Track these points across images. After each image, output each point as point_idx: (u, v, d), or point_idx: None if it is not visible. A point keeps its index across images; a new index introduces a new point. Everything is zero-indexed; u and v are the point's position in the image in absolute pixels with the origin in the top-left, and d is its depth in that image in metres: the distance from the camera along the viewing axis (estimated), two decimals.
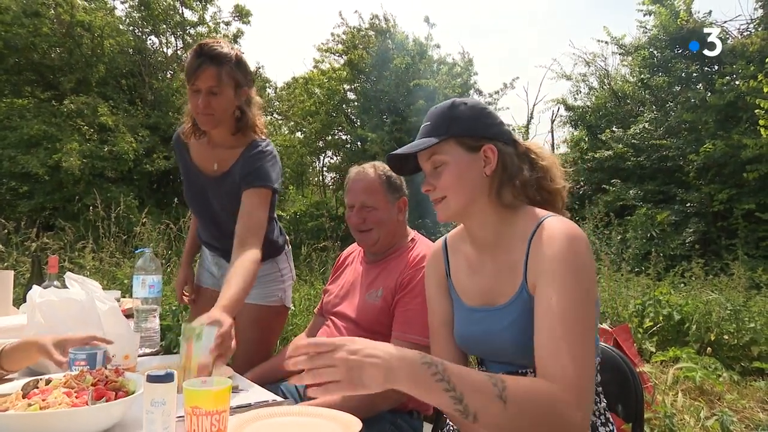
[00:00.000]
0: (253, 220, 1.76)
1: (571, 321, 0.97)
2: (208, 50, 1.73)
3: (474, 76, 13.23)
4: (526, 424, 0.89)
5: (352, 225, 1.83)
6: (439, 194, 1.14)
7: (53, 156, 7.90)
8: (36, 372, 1.59)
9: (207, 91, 1.73)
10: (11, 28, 8.94)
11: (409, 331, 1.63)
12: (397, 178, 1.84)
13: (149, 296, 2.00)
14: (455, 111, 1.14)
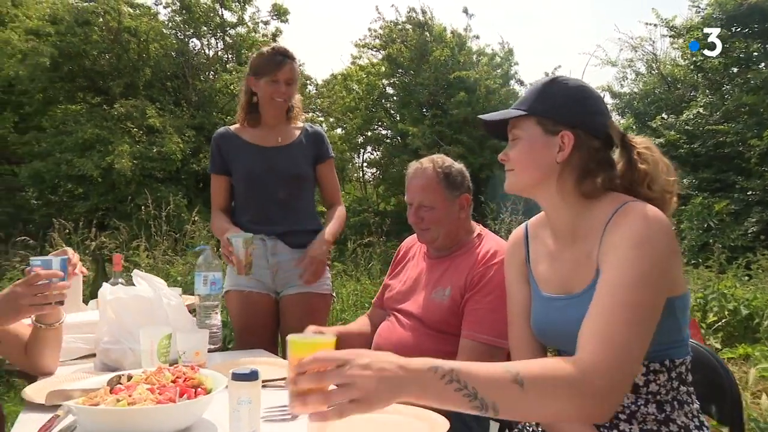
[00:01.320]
0: (333, 184, 2.37)
1: (620, 303, 0.91)
2: (284, 50, 2.19)
3: (514, 66, 12.98)
4: (549, 406, 0.86)
5: (411, 223, 1.79)
6: (510, 165, 1.15)
7: (106, 158, 8.19)
8: (110, 367, 1.62)
9: (285, 82, 2.16)
10: (65, 37, 9.32)
11: (480, 331, 1.57)
12: (459, 174, 1.75)
13: (211, 293, 2.00)
14: (548, 89, 1.12)
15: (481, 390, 0.84)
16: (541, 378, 0.87)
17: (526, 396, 0.85)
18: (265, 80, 2.16)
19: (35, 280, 1.31)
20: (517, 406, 0.86)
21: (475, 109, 11.04)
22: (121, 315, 1.63)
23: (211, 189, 2.28)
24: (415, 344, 1.69)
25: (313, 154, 2.32)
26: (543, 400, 0.86)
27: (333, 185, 2.36)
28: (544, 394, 0.86)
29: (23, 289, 1.28)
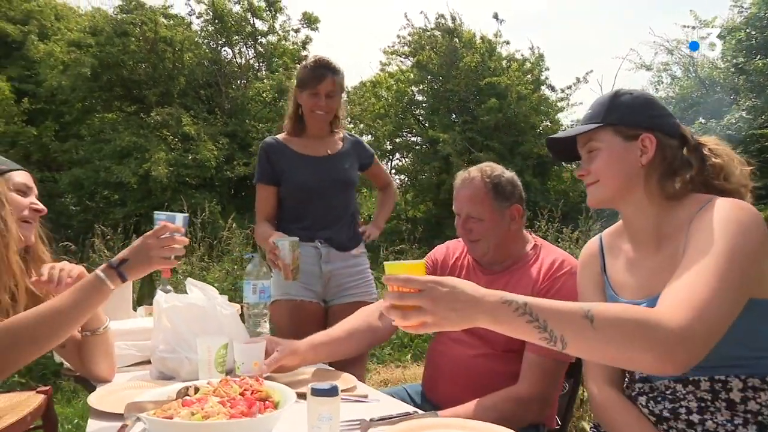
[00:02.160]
0: (382, 175, 2.58)
1: (704, 267, 0.90)
2: (326, 63, 2.20)
3: (545, 71, 12.81)
4: (618, 346, 0.86)
5: (459, 234, 1.74)
6: (592, 178, 1.16)
7: (143, 165, 8.36)
8: (166, 376, 1.61)
9: (326, 95, 2.18)
10: (105, 47, 9.59)
11: None
12: (508, 184, 1.69)
13: (260, 301, 1.99)
14: (616, 100, 1.15)
15: (551, 322, 0.87)
16: (614, 317, 0.87)
17: (595, 333, 0.86)
18: (307, 93, 2.19)
19: (162, 232, 1.34)
20: (585, 342, 0.87)
21: (506, 115, 10.93)
22: (176, 323, 1.63)
23: (258, 198, 2.28)
24: (477, 365, 1.64)
25: (358, 161, 2.39)
26: (612, 338, 0.86)
27: (383, 175, 2.59)
28: (615, 333, 0.86)
29: (153, 241, 1.32)
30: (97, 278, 1.27)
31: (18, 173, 1.42)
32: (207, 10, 11.34)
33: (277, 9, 12.00)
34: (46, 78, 10.10)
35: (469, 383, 1.61)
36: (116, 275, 1.29)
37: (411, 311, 0.93)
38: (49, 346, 1.23)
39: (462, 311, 0.91)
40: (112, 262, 1.29)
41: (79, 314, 1.25)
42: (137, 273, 1.34)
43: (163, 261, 1.35)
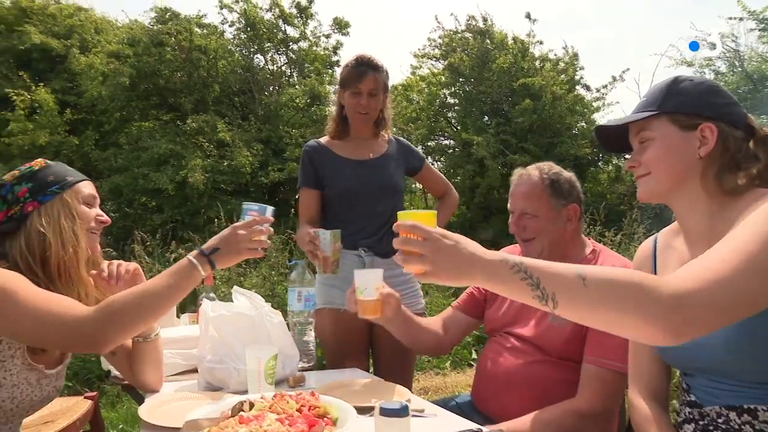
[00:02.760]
0: (437, 180, 2.41)
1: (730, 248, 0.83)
2: (368, 60, 2.12)
3: (580, 70, 12.52)
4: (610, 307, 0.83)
5: (513, 233, 1.68)
6: (643, 170, 1.09)
7: (180, 172, 8.50)
8: (214, 387, 1.58)
9: (368, 94, 2.11)
10: (142, 57, 9.82)
11: (606, 356, 1.44)
12: (567, 182, 1.65)
13: (305, 309, 1.96)
14: (675, 87, 1.08)
15: (544, 280, 0.86)
16: (607, 277, 0.84)
17: (587, 292, 0.83)
18: (349, 92, 2.13)
19: (253, 224, 1.38)
20: (576, 301, 0.85)
21: (541, 117, 10.72)
22: (223, 333, 1.60)
23: (301, 202, 2.23)
24: (533, 372, 1.57)
25: (404, 166, 2.30)
26: (603, 298, 0.83)
27: (438, 181, 2.41)
28: (606, 292, 0.83)
29: (244, 232, 1.36)
30: (190, 263, 1.30)
31: (84, 184, 1.42)
32: (239, 19, 11.50)
33: (308, 15, 12.08)
34: (87, 89, 10.40)
35: (523, 393, 1.55)
36: (207, 262, 1.32)
37: (412, 257, 0.96)
38: (144, 325, 1.27)
39: (461, 266, 0.92)
40: (203, 250, 1.33)
41: (172, 296, 1.29)
42: (226, 262, 1.36)
43: (251, 251, 1.38)
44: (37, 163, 1.39)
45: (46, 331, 1.16)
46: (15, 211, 1.30)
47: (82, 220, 1.36)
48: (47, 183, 1.34)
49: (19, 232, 1.29)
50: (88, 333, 1.17)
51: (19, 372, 1.24)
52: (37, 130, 9.96)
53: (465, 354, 4.93)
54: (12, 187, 1.33)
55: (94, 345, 1.20)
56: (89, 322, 1.17)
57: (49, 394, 1.34)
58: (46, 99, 10.27)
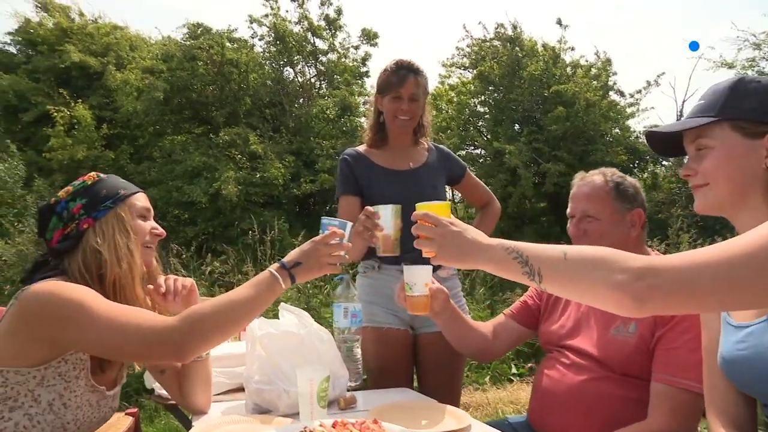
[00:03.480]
0: (479, 189, 2.32)
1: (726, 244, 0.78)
2: (408, 64, 2.06)
3: (613, 76, 12.27)
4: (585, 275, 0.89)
5: (572, 237, 1.61)
6: (700, 180, 1.02)
7: (213, 185, 8.59)
8: (262, 409, 1.52)
9: (409, 98, 2.04)
10: (175, 72, 10.02)
11: (678, 375, 1.34)
12: (631, 186, 1.58)
13: (352, 326, 1.88)
14: (739, 89, 0.98)
15: (531, 257, 0.96)
16: (586, 251, 0.91)
17: (566, 264, 0.91)
18: (389, 97, 2.06)
19: (332, 238, 1.36)
20: (557, 274, 0.92)
21: (575, 124, 10.51)
22: (272, 352, 1.53)
23: (341, 212, 2.16)
24: (595, 390, 1.48)
25: (445, 175, 2.22)
26: (579, 270, 0.89)
27: (480, 190, 2.33)
28: (582, 264, 0.89)
29: (324, 246, 1.34)
30: (272, 276, 1.28)
31: (138, 196, 1.39)
32: (269, 32, 11.65)
33: (337, 27, 12.17)
34: (122, 104, 10.66)
35: (586, 412, 1.47)
36: (288, 276, 1.30)
37: (424, 240, 1.14)
38: (226, 336, 1.25)
39: (465, 249, 1.06)
40: (284, 263, 1.32)
41: (254, 308, 1.26)
42: (307, 276, 1.35)
43: (332, 266, 1.36)
44: (89, 177, 1.37)
45: (127, 341, 1.14)
46: (71, 229, 1.29)
47: (137, 235, 1.33)
48: (100, 198, 1.32)
49: (77, 250, 1.28)
50: (172, 341, 1.15)
51: (83, 393, 1.23)
52: (75, 145, 10.25)
53: (505, 369, 4.79)
54: (66, 204, 1.31)
55: (177, 353, 1.17)
56: (172, 330, 1.15)
57: (105, 415, 1.33)
58: (84, 115, 10.56)
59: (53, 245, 1.30)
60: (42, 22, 12.24)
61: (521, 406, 3.95)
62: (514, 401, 4.04)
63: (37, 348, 1.16)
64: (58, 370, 1.19)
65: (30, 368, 1.16)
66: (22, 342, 1.15)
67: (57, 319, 1.12)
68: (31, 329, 1.14)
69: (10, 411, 1.15)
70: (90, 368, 1.24)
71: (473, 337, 1.73)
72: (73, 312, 1.12)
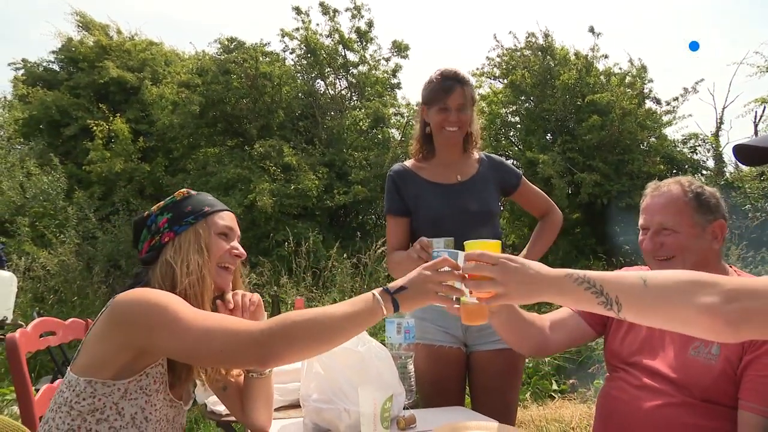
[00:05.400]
0: (537, 197, 2.25)
1: None
2: (454, 74, 2.03)
3: (648, 83, 11.99)
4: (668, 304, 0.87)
5: (646, 252, 1.51)
6: None
7: (248, 196, 8.68)
8: (321, 428, 1.48)
9: (457, 108, 2.01)
10: (210, 86, 10.21)
11: None
12: (712, 196, 1.49)
13: (405, 342, 1.84)
14: None
15: (607, 286, 0.94)
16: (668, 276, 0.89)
17: (648, 291, 0.88)
18: (436, 108, 2.02)
19: (442, 265, 1.23)
20: (639, 302, 0.90)
21: (610, 133, 10.29)
22: (330, 370, 1.50)
23: (389, 231, 2.13)
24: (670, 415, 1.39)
25: (499, 186, 2.15)
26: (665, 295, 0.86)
27: (537, 198, 2.25)
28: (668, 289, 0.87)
29: (433, 274, 1.23)
30: (375, 299, 1.21)
31: (222, 215, 1.39)
32: (300, 45, 11.78)
33: (368, 39, 12.22)
34: (158, 118, 10.90)
35: None
36: (390, 301, 1.22)
37: (484, 282, 1.09)
38: (315, 350, 1.20)
39: (530, 285, 1.03)
40: (388, 288, 1.24)
41: (349, 328, 1.19)
42: (412, 305, 1.25)
43: (438, 297, 1.24)
44: (179, 194, 1.40)
45: (213, 344, 1.12)
46: (156, 242, 1.32)
47: (212, 253, 1.33)
48: (184, 213, 1.34)
49: (157, 262, 1.31)
50: (257, 343, 1.12)
51: (162, 407, 1.24)
52: (113, 158, 10.50)
53: (546, 385, 4.66)
54: (156, 217, 1.36)
55: (264, 357, 1.13)
56: (263, 333, 1.13)
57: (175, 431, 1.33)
58: (121, 128, 10.83)
59: (141, 256, 1.34)
60: (83, 41, 12.65)
61: (566, 424, 3.83)
62: (557, 419, 3.91)
63: (123, 357, 1.17)
64: (140, 383, 1.20)
65: (115, 381, 1.17)
66: (111, 349, 1.16)
67: (145, 323, 1.13)
68: (120, 334, 1.16)
69: (97, 423, 1.16)
70: (170, 382, 1.26)
71: (532, 333, 1.58)
72: (160, 315, 1.13)
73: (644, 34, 24.60)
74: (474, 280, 1.11)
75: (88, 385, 1.16)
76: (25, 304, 6.74)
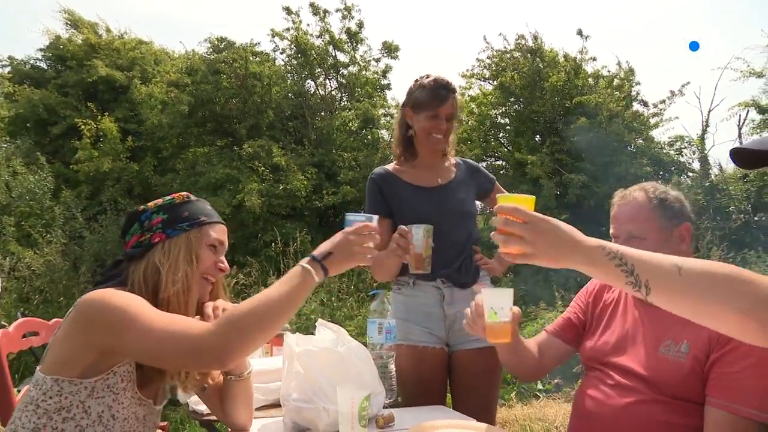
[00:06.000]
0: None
1: None
2: (447, 83, 2.06)
3: (636, 86, 12.11)
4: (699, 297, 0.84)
5: None
6: None
7: (237, 196, 8.66)
8: (301, 427, 1.50)
9: (447, 117, 2.06)
10: (200, 86, 10.18)
11: (737, 400, 1.27)
12: (676, 201, 1.53)
13: (386, 342, 1.87)
14: None
15: (638, 267, 0.90)
16: (703, 267, 0.85)
17: (681, 280, 0.85)
18: (425, 114, 2.05)
19: (363, 230, 1.32)
20: (669, 289, 0.87)
21: (598, 135, 10.39)
22: (310, 369, 1.52)
23: None
24: (641, 413, 1.42)
25: (475, 189, 2.21)
26: (697, 287, 0.83)
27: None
28: (702, 281, 0.83)
29: (355, 237, 1.31)
30: (303, 270, 1.25)
31: (216, 227, 1.40)
32: (290, 46, 11.77)
33: (358, 40, 12.23)
34: (147, 117, 10.84)
35: None
36: (320, 268, 1.26)
37: (513, 239, 1.00)
38: (266, 336, 1.21)
39: (560, 248, 0.97)
40: (315, 256, 1.28)
41: (289, 304, 1.22)
42: (339, 267, 1.31)
43: (363, 258, 1.33)
44: (179, 196, 1.40)
45: (172, 348, 1.13)
46: (145, 239, 1.32)
47: (199, 263, 1.33)
48: (180, 218, 1.34)
49: (142, 260, 1.30)
50: (211, 346, 1.12)
51: (130, 405, 1.24)
52: (101, 157, 10.43)
53: (531, 385, 4.71)
54: (151, 214, 1.35)
55: (218, 359, 1.14)
56: (210, 335, 1.13)
57: (149, 431, 1.33)
58: (109, 128, 10.76)
59: (127, 249, 1.34)
60: (71, 39, 12.55)
61: (549, 423, 3.87)
62: (541, 418, 3.96)
63: (87, 356, 1.17)
64: (107, 382, 1.20)
65: (82, 379, 1.17)
66: (74, 349, 1.17)
67: (107, 325, 1.14)
68: (83, 335, 1.16)
69: (63, 422, 1.16)
70: (138, 381, 1.26)
71: (529, 358, 1.67)
72: (122, 318, 1.13)
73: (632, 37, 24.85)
74: (503, 235, 1.02)
75: (55, 384, 1.16)
76: (10, 304, 6.69)
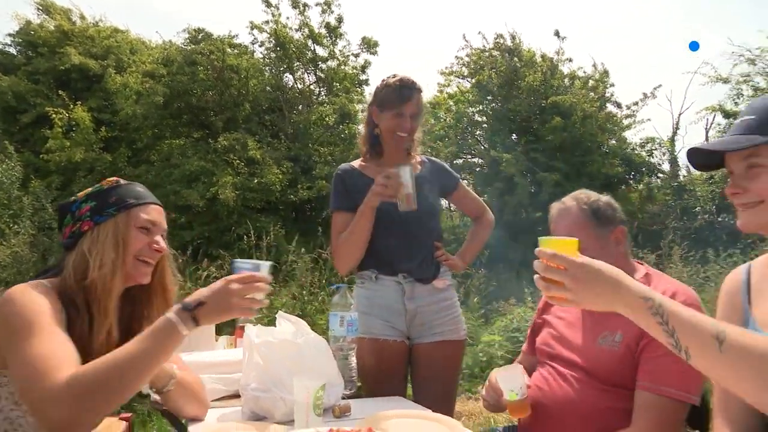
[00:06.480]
0: (472, 201, 2.37)
1: None
2: (412, 82, 2.08)
3: (610, 87, 12.37)
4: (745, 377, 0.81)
5: None
6: (752, 198, 1.01)
7: (210, 189, 8.60)
8: (259, 416, 1.54)
9: (411, 115, 2.07)
10: (175, 77, 10.06)
11: (662, 382, 1.36)
12: (608, 207, 1.60)
13: (348, 335, 1.91)
14: None
15: (679, 331, 0.86)
16: (744, 345, 0.81)
17: (721, 357, 0.82)
18: (390, 113, 2.08)
19: (248, 281, 1.23)
20: (708, 363, 0.85)
21: (571, 135, 10.59)
22: (269, 360, 1.55)
23: (335, 226, 2.18)
24: (584, 400, 1.50)
25: (439, 187, 2.25)
26: (736, 367, 0.81)
27: (472, 201, 2.38)
28: (741, 362, 0.81)
29: (237, 287, 1.21)
30: (169, 323, 1.15)
31: (146, 208, 1.36)
32: (269, 38, 11.69)
33: (337, 35, 12.21)
34: (121, 107, 10.67)
35: (574, 423, 1.49)
36: (189, 319, 1.16)
37: (554, 285, 0.98)
38: (122, 399, 1.09)
39: (603, 296, 0.94)
40: (186, 304, 1.18)
41: (150, 362, 1.12)
42: (213, 319, 1.22)
43: (242, 310, 1.23)
44: (108, 182, 1.36)
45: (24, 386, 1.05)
46: (76, 228, 1.29)
47: (129, 247, 1.29)
48: (108, 204, 1.30)
49: (74, 250, 1.27)
50: (56, 417, 1.00)
51: None
52: (73, 147, 10.23)
53: None
54: (80, 203, 1.31)
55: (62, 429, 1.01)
56: (57, 403, 1.00)
57: None
58: (82, 117, 10.56)
59: (62, 240, 1.31)
60: (43, 24, 12.25)
61: None
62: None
63: None
64: None
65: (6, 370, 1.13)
66: None
67: (5, 326, 1.11)
68: None
69: None
70: None
71: None
72: (14, 326, 1.09)
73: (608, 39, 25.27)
74: (544, 282, 1.00)
75: None
76: None
